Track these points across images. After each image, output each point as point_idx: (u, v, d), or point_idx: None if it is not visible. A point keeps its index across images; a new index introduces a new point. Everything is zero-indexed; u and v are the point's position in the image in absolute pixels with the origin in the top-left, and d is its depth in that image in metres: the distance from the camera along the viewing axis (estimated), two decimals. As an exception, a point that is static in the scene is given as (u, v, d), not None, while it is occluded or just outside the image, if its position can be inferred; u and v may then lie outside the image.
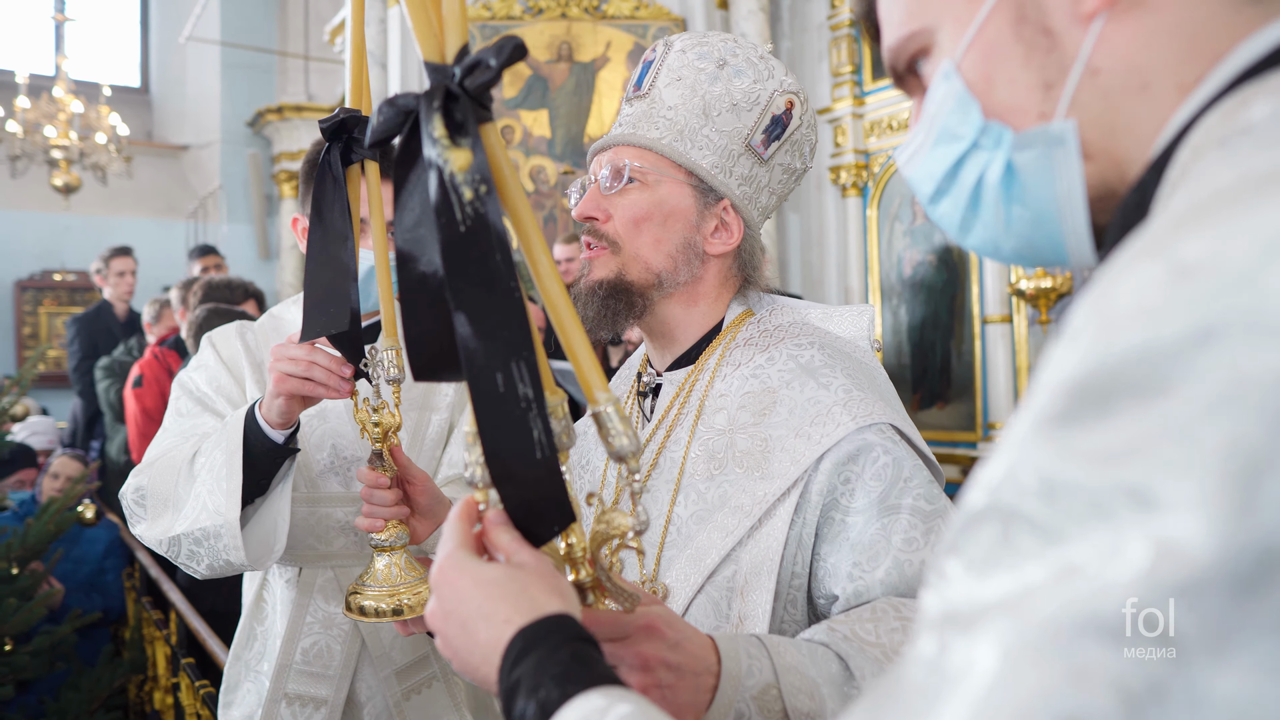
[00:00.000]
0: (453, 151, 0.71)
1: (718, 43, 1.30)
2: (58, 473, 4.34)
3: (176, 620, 3.32)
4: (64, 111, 8.26)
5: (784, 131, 1.30)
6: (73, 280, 9.50)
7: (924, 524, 1.12)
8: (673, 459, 1.27)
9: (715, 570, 1.17)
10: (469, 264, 0.71)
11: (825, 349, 1.26)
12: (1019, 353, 5.64)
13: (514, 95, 6.74)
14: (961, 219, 0.71)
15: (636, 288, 1.28)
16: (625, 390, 1.47)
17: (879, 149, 6.48)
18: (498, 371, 0.72)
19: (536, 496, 0.76)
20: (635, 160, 1.28)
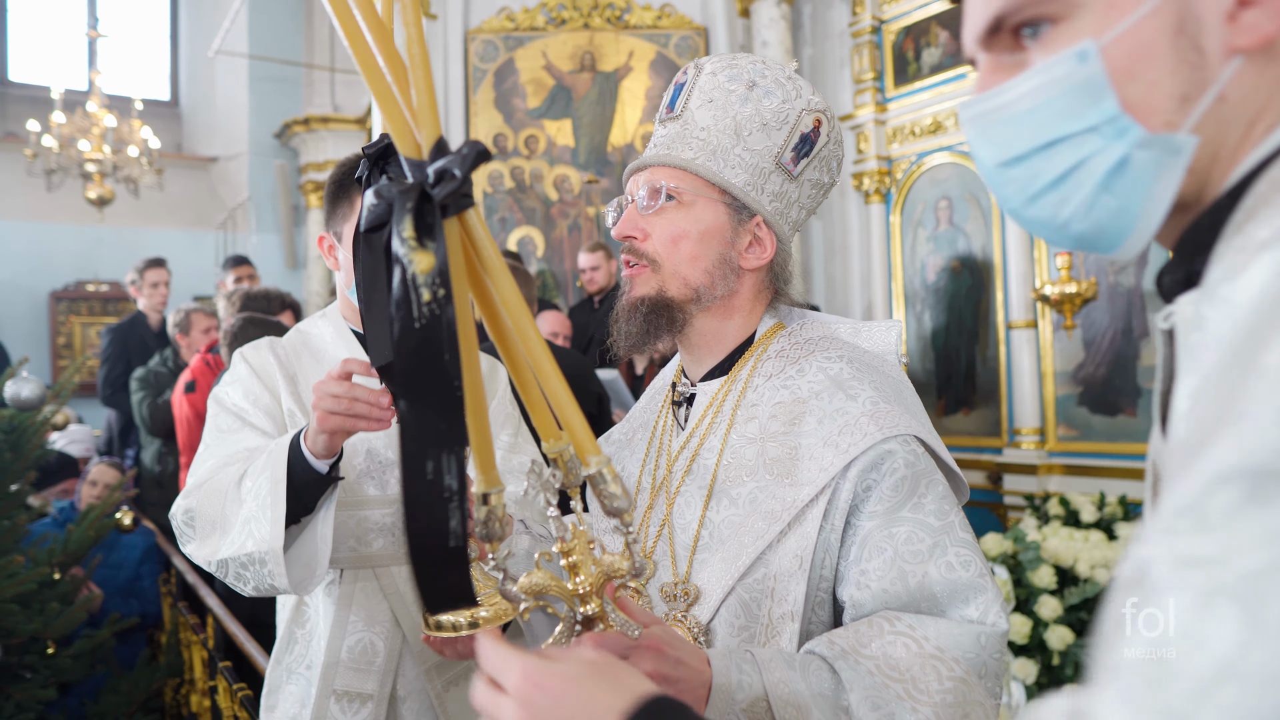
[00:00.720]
0: (417, 253, 0.76)
1: (747, 65, 1.34)
2: (96, 480, 4.43)
3: (214, 625, 3.38)
4: (97, 126, 8.40)
5: (812, 149, 1.35)
6: (105, 291, 9.65)
7: (931, 538, 1.17)
8: (705, 465, 1.32)
9: (746, 572, 1.22)
10: (419, 359, 0.77)
11: (854, 363, 1.30)
12: (1044, 358, 5.62)
13: (538, 105, 6.80)
14: (1036, 190, 0.73)
15: (676, 303, 1.33)
16: (660, 400, 1.51)
17: (902, 155, 6.48)
18: (429, 459, 0.78)
19: (442, 576, 0.83)
20: (671, 180, 1.33)
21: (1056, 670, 3.70)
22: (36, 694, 3.25)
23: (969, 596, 1.15)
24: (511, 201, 6.74)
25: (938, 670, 1.09)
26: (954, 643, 1.12)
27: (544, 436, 0.90)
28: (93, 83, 8.74)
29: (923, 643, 1.11)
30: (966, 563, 1.16)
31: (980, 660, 1.12)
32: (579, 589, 0.96)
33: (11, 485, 3.43)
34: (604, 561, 0.96)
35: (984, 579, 1.16)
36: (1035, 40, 0.73)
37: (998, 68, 0.76)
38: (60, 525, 3.92)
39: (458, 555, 0.82)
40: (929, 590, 1.15)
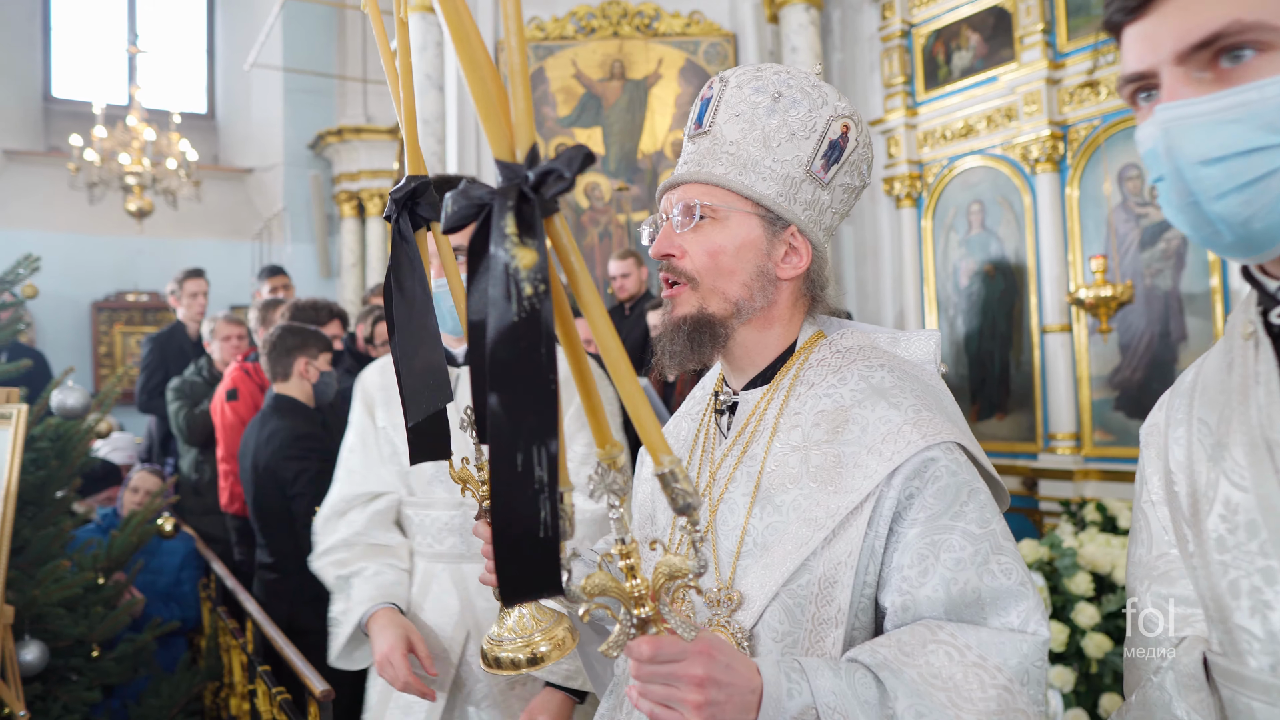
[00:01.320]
0: (520, 250, 0.79)
1: (771, 76, 1.35)
2: (137, 487, 4.51)
3: (253, 629, 3.43)
4: (137, 139, 8.57)
5: (842, 155, 1.35)
6: (145, 301, 9.84)
7: (972, 546, 1.18)
8: (749, 473, 1.33)
9: (790, 579, 1.23)
10: (516, 351, 0.79)
11: (895, 371, 1.31)
12: (1079, 362, 5.56)
13: (568, 114, 6.85)
14: (1229, 189, 0.87)
15: (718, 319, 1.35)
16: (702, 408, 1.52)
17: (933, 159, 6.45)
18: (519, 452, 0.79)
19: (531, 568, 0.84)
20: (704, 197, 1.34)
21: (1095, 679, 3.65)
22: (82, 695, 3.32)
23: (1009, 604, 1.16)
24: (542, 209, 6.79)
25: (980, 679, 1.09)
26: (996, 651, 1.12)
27: (599, 443, 0.92)
28: (132, 97, 8.93)
29: (965, 651, 1.11)
30: (1008, 570, 1.17)
31: (1022, 669, 1.12)
32: (635, 591, 0.98)
33: (58, 492, 3.51)
34: (667, 561, 0.98)
35: (1025, 587, 1.17)
36: (1236, 63, 0.88)
37: (1189, 81, 0.90)
38: (104, 531, 4.00)
39: (548, 545, 0.82)
40: (970, 598, 1.16)
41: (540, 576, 0.83)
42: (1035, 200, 5.75)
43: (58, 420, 3.48)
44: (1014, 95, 5.83)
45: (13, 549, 3.12)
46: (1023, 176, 5.84)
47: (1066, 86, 5.61)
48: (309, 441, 3.68)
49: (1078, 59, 5.52)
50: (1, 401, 3.02)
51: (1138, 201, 5.27)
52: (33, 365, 3.91)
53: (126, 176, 8.52)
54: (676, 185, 1.38)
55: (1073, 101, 5.58)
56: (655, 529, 1.48)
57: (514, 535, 0.81)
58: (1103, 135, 5.39)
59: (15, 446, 2.89)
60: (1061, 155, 5.62)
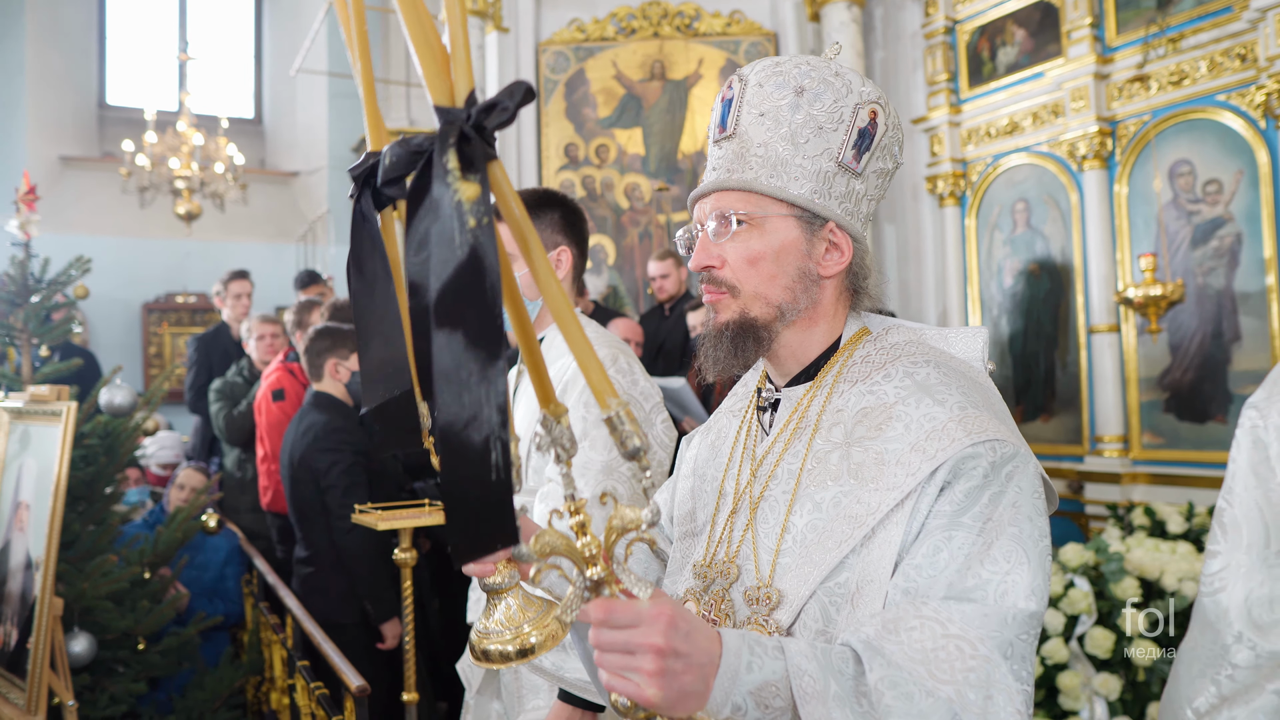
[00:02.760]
0: (463, 184, 0.78)
1: (791, 69, 1.32)
2: (183, 484, 4.60)
3: (292, 625, 3.48)
4: (186, 144, 8.75)
5: (872, 141, 1.32)
6: (193, 302, 10.04)
7: (985, 539, 1.14)
8: (790, 470, 1.31)
9: (828, 577, 1.21)
10: (461, 285, 0.77)
11: (941, 368, 1.28)
12: (1127, 363, 5.44)
13: (608, 114, 6.86)
14: None
15: (761, 323, 1.32)
16: (744, 404, 1.50)
17: (977, 157, 6.35)
18: (466, 391, 0.76)
19: (485, 519, 0.80)
20: (737, 204, 1.31)
21: (1142, 686, 3.56)
22: (128, 687, 3.39)
23: (999, 580, 1.12)
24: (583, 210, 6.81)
25: (960, 649, 1.06)
26: (978, 624, 1.09)
27: (541, 403, 0.89)
28: (182, 103, 9.12)
29: (947, 624, 1.08)
30: (1009, 554, 1.13)
31: (1005, 640, 1.09)
32: (586, 550, 0.95)
33: (106, 488, 3.59)
34: (618, 514, 0.94)
35: (1022, 566, 1.12)
36: None
37: None
38: (150, 527, 4.08)
39: (500, 490, 0.78)
40: (971, 581, 1.12)
41: (494, 526, 0.80)
42: (1082, 198, 5.64)
43: (106, 418, 3.56)
44: (1061, 91, 5.72)
45: (62, 543, 3.19)
46: (1069, 174, 5.73)
47: (1115, 81, 5.49)
48: (342, 435, 3.74)
49: (1127, 53, 5.40)
50: (52, 399, 3.10)
51: (1189, 198, 5.14)
52: (84, 365, 4.01)
53: (176, 181, 8.70)
54: (708, 194, 1.36)
55: (1121, 96, 5.46)
56: (695, 525, 1.47)
57: (463, 480, 0.77)
58: (1153, 131, 5.26)
59: (65, 443, 2.96)
60: (1110, 151, 5.51)
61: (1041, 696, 3.64)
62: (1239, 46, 4.89)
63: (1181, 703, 1.25)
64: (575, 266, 2.41)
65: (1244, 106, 4.88)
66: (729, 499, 1.40)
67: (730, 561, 1.33)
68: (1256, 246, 4.85)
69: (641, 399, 2.26)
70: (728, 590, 1.31)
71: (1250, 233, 4.88)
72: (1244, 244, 4.91)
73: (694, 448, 1.58)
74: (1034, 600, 1.12)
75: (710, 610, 1.32)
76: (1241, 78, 4.88)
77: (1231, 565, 1.25)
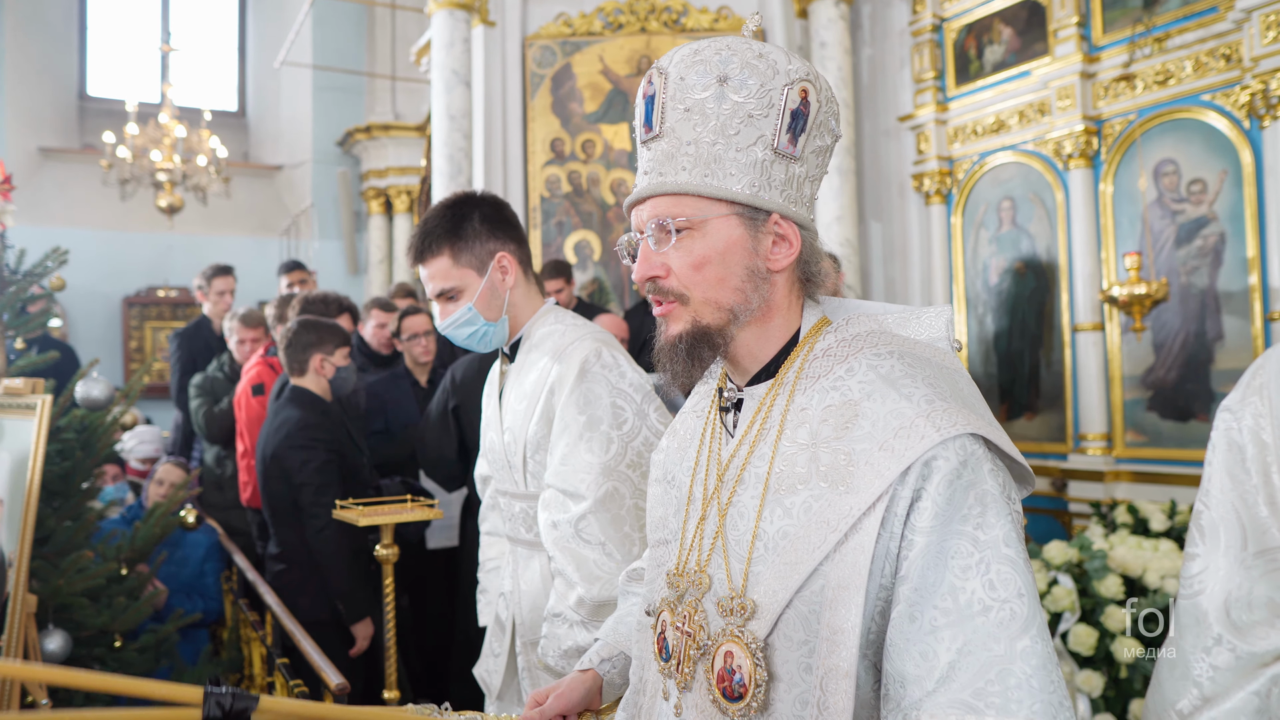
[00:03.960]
0: None
1: (712, 56, 1.25)
2: (162, 479, 4.54)
3: (272, 622, 3.44)
4: (169, 136, 8.67)
5: (806, 122, 1.26)
6: (175, 296, 9.96)
7: (978, 553, 1.10)
8: (757, 474, 1.27)
9: (803, 585, 1.17)
10: None
11: (905, 358, 1.24)
12: (1111, 361, 5.45)
13: (595, 109, 6.82)
14: None
15: (715, 329, 1.28)
16: (706, 404, 1.46)
17: (964, 155, 6.36)
18: None
19: None
20: (675, 210, 1.26)
21: (1124, 684, 3.57)
22: (104, 686, 3.35)
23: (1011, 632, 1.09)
24: (569, 206, 6.77)
25: None
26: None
27: None
28: (164, 95, 9.04)
29: None
30: (1007, 581, 1.10)
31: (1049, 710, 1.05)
32: None
33: (83, 483, 3.54)
34: None
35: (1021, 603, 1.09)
36: None
37: None
38: (128, 523, 4.03)
39: None
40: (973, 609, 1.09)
41: None
42: (1068, 196, 5.65)
43: (83, 412, 3.51)
44: (1047, 90, 5.73)
45: (37, 539, 3.14)
46: (1055, 172, 5.74)
47: (1101, 80, 5.50)
48: (316, 431, 3.69)
49: (1113, 52, 5.41)
50: (26, 392, 3.04)
51: (1174, 198, 5.16)
52: (61, 358, 3.95)
53: (158, 173, 8.62)
54: (644, 200, 1.30)
55: (1108, 95, 5.47)
56: (667, 532, 1.44)
57: None
58: (1139, 130, 5.27)
59: (40, 437, 2.91)
60: (1095, 150, 5.52)
61: (1025, 694, 3.64)
62: (1224, 47, 4.91)
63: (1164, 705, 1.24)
64: (521, 263, 2.34)
65: (1228, 106, 4.90)
66: (697, 505, 1.36)
67: (701, 570, 1.29)
68: (1239, 246, 4.87)
69: (632, 391, 2.21)
70: (700, 600, 1.28)
71: (1234, 232, 4.90)
72: (1227, 243, 4.93)
73: (662, 451, 1.54)
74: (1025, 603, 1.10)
75: (684, 622, 1.29)
76: (1226, 78, 4.90)
77: (1210, 568, 1.24)
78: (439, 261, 2.26)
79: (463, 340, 2.32)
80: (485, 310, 2.27)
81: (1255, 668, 1.15)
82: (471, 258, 2.26)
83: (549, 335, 2.31)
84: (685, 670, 1.27)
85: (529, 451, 2.27)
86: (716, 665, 1.23)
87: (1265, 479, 1.14)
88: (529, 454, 2.27)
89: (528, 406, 2.25)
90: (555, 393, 2.19)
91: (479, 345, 2.34)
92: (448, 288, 2.26)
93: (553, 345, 2.27)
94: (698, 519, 1.34)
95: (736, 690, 1.20)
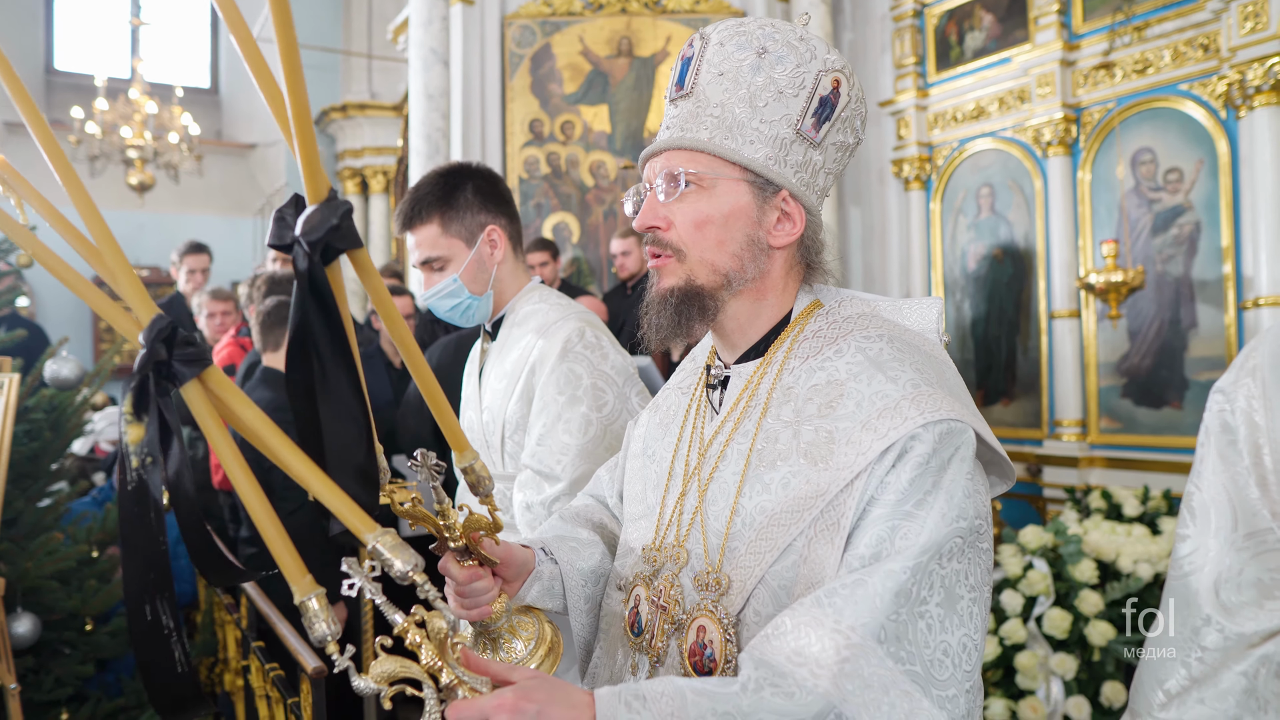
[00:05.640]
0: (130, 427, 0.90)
1: (755, 30, 1.26)
2: (134, 461, 4.48)
3: (247, 605, 3.40)
4: (139, 113, 8.51)
5: (833, 112, 1.27)
6: (146, 276, 9.80)
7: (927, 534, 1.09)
8: (739, 451, 1.27)
9: (776, 560, 1.17)
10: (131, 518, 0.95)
11: (894, 342, 1.24)
12: (1087, 348, 5.50)
13: (575, 91, 6.77)
14: None
15: (707, 291, 1.28)
16: (693, 381, 1.46)
17: (943, 141, 6.37)
18: (146, 604, 0.94)
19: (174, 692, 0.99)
20: (688, 164, 1.27)
21: (1097, 666, 3.61)
22: (75, 669, 3.29)
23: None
24: (547, 187, 6.72)
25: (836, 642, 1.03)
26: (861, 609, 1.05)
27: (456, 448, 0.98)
28: (135, 70, 8.87)
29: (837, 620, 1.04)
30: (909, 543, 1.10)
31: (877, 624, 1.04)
32: (429, 668, 1.02)
33: (51, 464, 3.47)
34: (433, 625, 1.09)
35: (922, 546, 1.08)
36: None
37: None
38: (99, 504, 3.97)
39: (187, 676, 0.98)
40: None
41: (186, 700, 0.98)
42: (1046, 184, 5.68)
43: (52, 392, 3.44)
44: (1027, 77, 5.75)
45: (5, 520, 3.09)
46: (1034, 159, 5.76)
47: (1081, 68, 5.52)
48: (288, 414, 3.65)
49: (1093, 40, 5.42)
50: (-7, 371, 2.98)
51: (1150, 186, 5.20)
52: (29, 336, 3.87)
53: (128, 150, 8.47)
54: (659, 152, 1.31)
55: (1087, 84, 5.49)
56: (644, 506, 1.43)
57: (159, 669, 0.96)
58: (1117, 118, 5.30)
59: (7, 416, 2.86)
60: (1074, 138, 5.54)
61: (999, 676, 3.68)
62: (1202, 37, 4.94)
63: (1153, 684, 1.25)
64: (510, 238, 2.30)
65: (1206, 96, 4.93)
66: (678, 480, 1.36)
67: (679, 545, 1.29)
68: (1214, 235, 4.92)
69: (614, 374, 2.17)
70: (677, 575, 1.28)
71: (1209, 221, 4.95)
72: (1203, 232, 4.98)
73: (642, 425, 1.54)
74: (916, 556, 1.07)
75: (660, 596, 1.29)
76: (1204, 67, 4.93)
77: (1200, 549, 1.24)
78: (428, 229, 2.20)
79: (445, 312, 2.27)
80: (471, 283, 2.22)
81: (1243, 649, 1.15)
82: (461, 228, 2.22)
83: (533, 314, 2.27)
84: (658, 645, 1.27)
85: (507, 431, 2.23)
86: (689, 640, 1.23)
87: (1256, 460, 1.15)
88: (507, 434, 2.23)
89: (507, 385, 2.22)
90: (536, 371, 2.16)
91: (461, 319, 2.29)
92: (434, 256, 2.21)
93: (536, 323, 2.23)
94: (678, 494, 1.34)
95: (707, 665, 1.20)
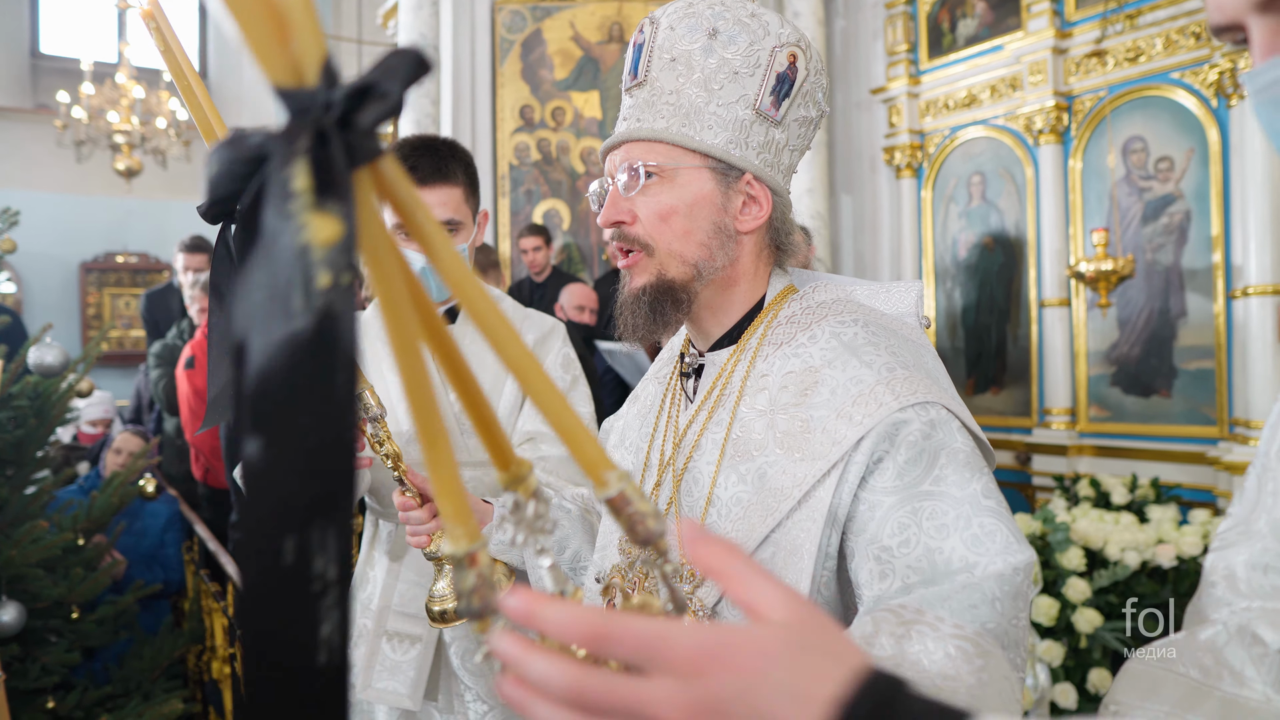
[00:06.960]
0: (314, 216, 0.47)
1: (705, 10, 1.24)
2: (120, 448, 4.45)
3: (234, 593, 3.39)
4: (126, 97, 8.44)
5: (792, 88, 1.25)
6: (134, 262, 9.74)
7: (954, 510, 1.06)
8: (714, 440, 1.26)
9: (753, 552, 1.15)
10: (297, 376, 0.46)
11: (869, 326, 1.22)
12: (1077, 337, 5.50)
13: (565, 76, 6.73)
14: None
15: (679, 284, 1.26)
16: (668, 371, 1.46)
17: (934, 129, 6.35)
18: (289, 533, 0.47)
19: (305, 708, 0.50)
20: (647, 156, 1.25)
21: (1084, 653, 3.63)
22: (61, 657, 3.28)
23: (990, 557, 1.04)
24: (538, 174, 6.69)
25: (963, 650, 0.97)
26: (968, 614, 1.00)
27: (500, 466, 0.65)
28: (122, 54, 8.78)
29: (937, 625, 0.99)
30: (991, 534, 1.05)
31: (1000, 629, 1.00)
32: None
33: (36, 451, 3.45)
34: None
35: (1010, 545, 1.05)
36: None
37: None
38: (84, 492, 3.95)
39: (331, 676, 0.49)
40: (952, 566, 1.04)
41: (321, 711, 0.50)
42: (1037, 172, 5.67)
43: (36, 379, 3.42)
44: (1019, 65, 5.73)
45: (-11, 508, 3.06)
46: (1025, 148, 5.75)
47: (1073, 56, 5.50)
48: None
49: (1085, 28, 5.41)
50: (-24, 357, 2.96)
51: (1141, 175, 5.19)
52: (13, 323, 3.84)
53: (115, 135, 8.39)
54: (618, 145, 1.29)
55: (1079, 72, 5.47)
56: (633, 460, 1.43)
57: (273, 661, 0.49)
58: (1109, 107, 5.29)
59: (-10, 403, 2.83)
60: (1066, 126, 5.53)
61: (987, 664, 3.69)
62: (1194, 25, 4.92)
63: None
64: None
65: (1197, 85, 4.93)
66: (654, 470, 1.35)
67: None
68: (1204, 224, 4.92)
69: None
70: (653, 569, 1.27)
71: (1199, 210, 4.95)
72: (1193, 221, 4.98)
73: (621, 417, 1.53)
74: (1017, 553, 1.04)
75: (635, 587, 1.28)
76: (1195, 56, 4.92)
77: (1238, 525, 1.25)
78: (453, 190, 2.11)
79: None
80: None
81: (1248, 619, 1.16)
82: (474, 202, 2.20)
83: None
84: None
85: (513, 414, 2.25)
86: None
87: None
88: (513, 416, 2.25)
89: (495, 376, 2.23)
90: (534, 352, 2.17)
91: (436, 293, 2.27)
92: (457, 219, 2.12)
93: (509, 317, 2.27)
94: (653, 485, 1.33)
95: None
